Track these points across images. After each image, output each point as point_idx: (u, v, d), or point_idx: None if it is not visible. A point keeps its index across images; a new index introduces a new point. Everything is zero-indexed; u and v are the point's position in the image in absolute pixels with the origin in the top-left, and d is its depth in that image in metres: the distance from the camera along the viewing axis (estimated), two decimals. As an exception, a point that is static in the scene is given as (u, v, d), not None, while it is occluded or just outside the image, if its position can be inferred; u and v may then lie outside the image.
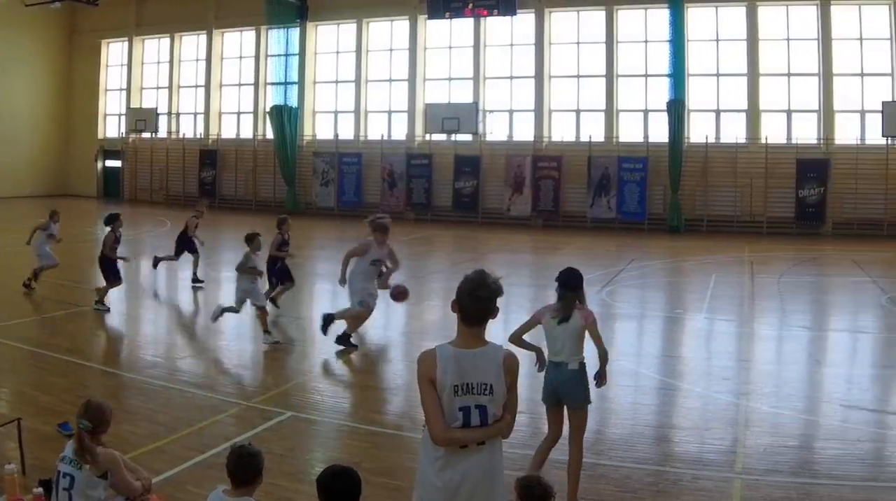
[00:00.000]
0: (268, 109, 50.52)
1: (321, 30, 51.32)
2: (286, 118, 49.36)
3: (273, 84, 50.38)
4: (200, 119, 54.77)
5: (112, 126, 59.22)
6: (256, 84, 52.57)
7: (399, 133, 48.55)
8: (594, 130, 43.77)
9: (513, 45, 46.29)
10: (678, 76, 41.21)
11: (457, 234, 39.56)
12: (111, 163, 58.39)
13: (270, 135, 50.56)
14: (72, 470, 7.11)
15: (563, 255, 30.65)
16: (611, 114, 43.87)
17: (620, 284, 24.14)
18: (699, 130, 42.04)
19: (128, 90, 57.62)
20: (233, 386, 14.08)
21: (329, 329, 16.39)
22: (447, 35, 47.66)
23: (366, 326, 17.25)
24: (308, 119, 51.02)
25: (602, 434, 11.51)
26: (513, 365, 5.92)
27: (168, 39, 55.93)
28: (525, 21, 45.31)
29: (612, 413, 12.61)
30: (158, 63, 56.99)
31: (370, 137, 49.08)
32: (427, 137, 47.28)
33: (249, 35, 53.15)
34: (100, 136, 59.13)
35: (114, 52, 59.16)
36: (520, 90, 45.95)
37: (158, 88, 56.84)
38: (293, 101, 49.73)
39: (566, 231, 40.97)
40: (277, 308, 19.90)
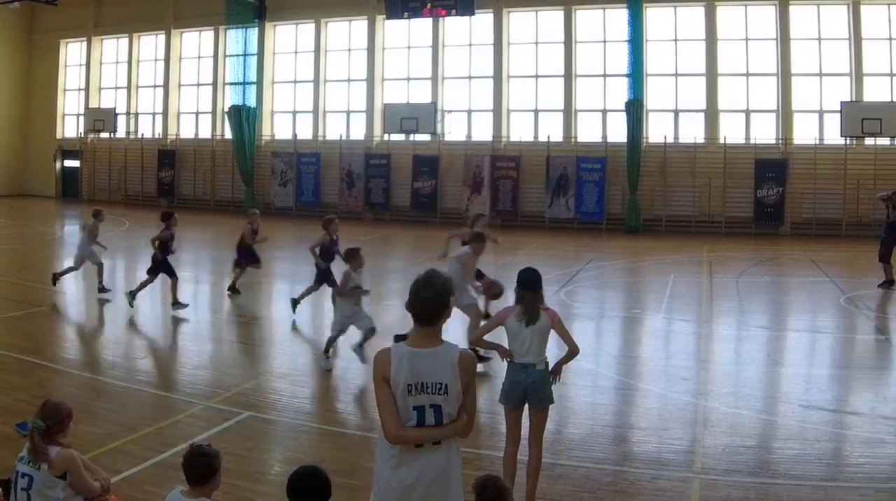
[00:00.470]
0: (226, 109, 49.03)
1: (279, 30, 49.82)
2: (244, 118, 47.83)
3: (231, 84, 48.89)
4: (159, 119, 53.12)
5: (71, 126, 57.30)
6: (215, 84, 51.01)
7: (357, 133, 47.20)
8: (552, 130, 42.74)
9: (471, 45, 45.05)
10: (637, 76, 40.17)
11: (415, 234, 38.54)
12: (70, 162, 56.55)
13: (229, 135, 48.98)
14: (30, 471, 6.96)
15: (522, 255, 29.74)
16: (569, 114, 42.74)
17: (579, 284, 23.46)
18: (658, 130, 40.99)
19: (86, 90, 55.68)
20: (192, 386, 13.61)
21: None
22: (405, 35, 46.30)
23: (324, 326, 16.99)
24: (266, 119, 49.54)
25: (561, 434, 11.29)
26: (469, 365, 5.86)
27: (126, 39, 54.14)
28: (483, 21, 44.11)
29: (571, 413, 12.37)
30: (117, 63, 55.14)
31: (328, 137, 47.69)
32: (385, 137, 46.11)
33: (208, 35, 51.58)
34: (58, 136, 57.16)
35: (72, 52, 57.12)
36: (478, 90, 44.79)
37: (117, 88, 54.98)
38: (251, 101, 48.28)
39: (525, 231, 39.86)
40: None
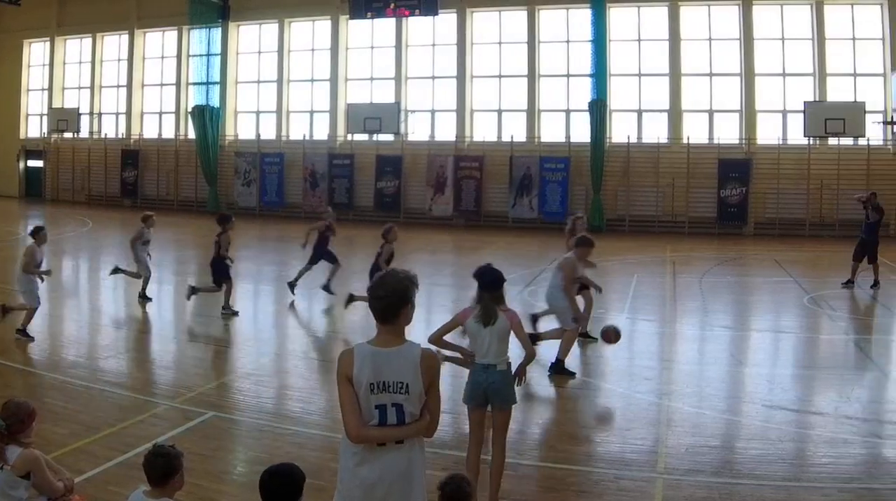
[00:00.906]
0: (189, 109, 47.38)
1: (243, 30, 48.20)
2: (208, 118, 46.25)
3: (195, 84, 47.28)
4: (122, 119, 51.25)
5: (34, 126, 55.20)
6: (178, 84, 49.28)
7: (321, 133, 45.79)
8: (516, 130, 41.59)
9: (434, 45, 43.72)
10: (600, 76, 39.08)
11: (378, 235, 35.61)
12: (33, 163, 54.51)
13: (192, 134, 47.35)
14: None
15: (486, 255, 28.34)
16: (532, 114, 41.63)
17: (542, 284, 21.61)
18: (621, 130, 39.96)
19: (49, 90, 53.68)
20: (155, 386, 13.31)
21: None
22: (369, 35, 44.89)
23: (288, 326, 17.27)
24: (230, 119, 47.90)
25: (524, 434, 11.05)
26: (431, 365, 5.74)
27: (90, 39, 52.20)
28: (447, 21, 42.83)
29: (535, 413, 12.22)
30: (80, 63, 53.18)
31: (292, 137, 46.24)
32: (349, 137, 44.71)
33: (171, 35, 49.76)
34: (21, 136, 55.06)
35: (35, 52, 55.08)
36: (441, 90, 43.51)
37: (80, 88, 53.05)
38: (215, 101, 46.64)
39: (488, 231, 38.86)
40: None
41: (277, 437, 10.88)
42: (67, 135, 52.63)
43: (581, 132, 39.91)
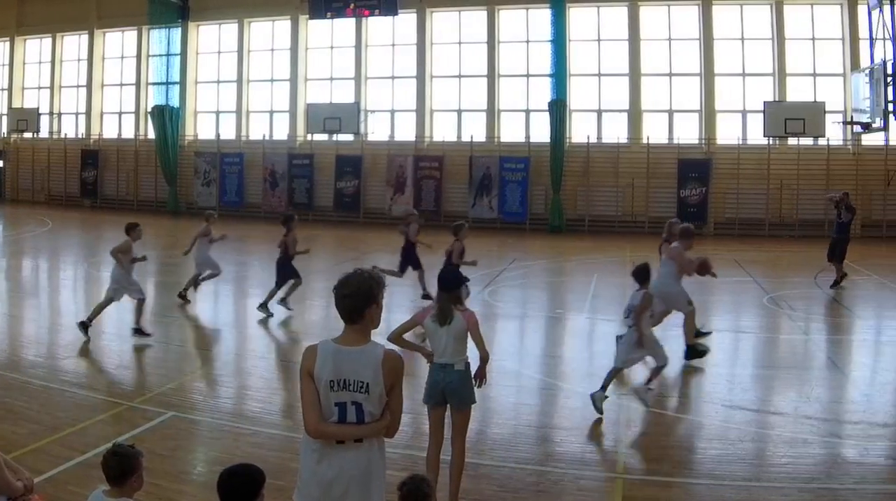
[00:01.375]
0: (149, 109, 45.46)
1: (203, 30, 46.31)
2: (168, 118, 44.47)
3: (154, 84, 45.35)
4: (82, 119, 49.24)
5: (-7, 126, 53.07)
6: (138, 84, 47.25)
7: (281, 133, 44.10)
8: (476, 130, 40.02)
9: (394, 45, 42.19)
10: (560, 76, 37.80)
11: (338, 234, 36.41)
12: (-7, 163, 52.38)
13: (152, 134, 45.44)
14: None
15: (444, 255, 27.75)
16: (492, 114, 40.24)
17: (502, 284, 22.32)
18: (581, 130, 38.75)
19: (9, 90, 51.36)
20: (115, 386, 13.05)
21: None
22: (329, 35, 43.26)
23: (248, 326, 16.88)
24: (190, 119, 46.07)
25: (484, 434, 10.83)
26: (394, 366, 5.58)
27: (50, 39, 50.01)
28: (406, 21, 41.27)
29: (495, 413, 11.89)
30: (40, 63, 50.96)
31: (252, 137, 44.44)
32: (309, 137, 43.11)
33: (131, 35, 47.73)
34: (-19, 137, 52.98)
35: (-5, 52, 52.98)
36: (401, 90, 42.06)
37: (40, 88, 50.85)
38: (175, 101, 44.84)
39: (448, 231, 36.74)
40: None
41: (237, 437, 10.67)
42: (27, 135, 50.50)
43: (541, 132, 38.68)
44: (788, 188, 35.28)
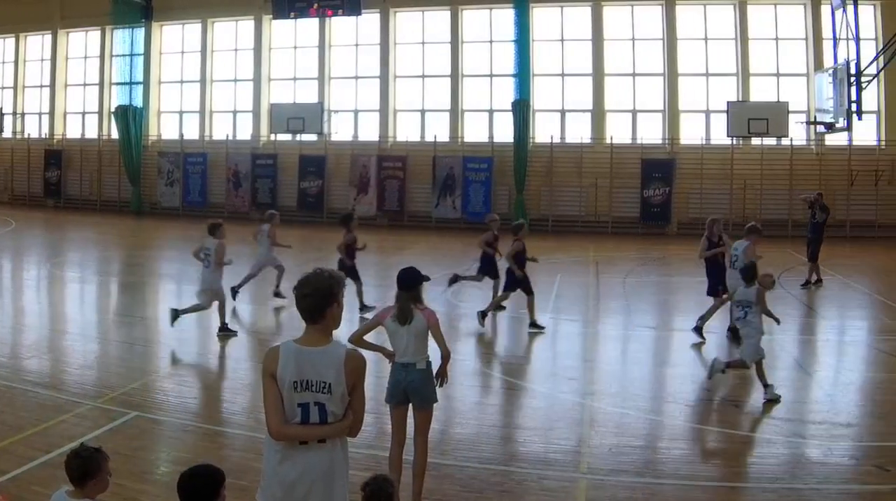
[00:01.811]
0: (113, 109, 43.54)
1: (166, 30, 44.38)
2: (131, 118, 42.45)
3: (118, 84, 43.37)
4: (45, 119, 47.20)
5: (-43, 127, 50.74)
6: (101, 84, 45.20)
7: (244, 133, 42.24)
8: (439, 130, 38.47)
9: (358, 45, 40.46)
10: (523, 76, 36.38)
11: (302, 234, 34.63)
12: (-44, 163, 49.94)
13: (115, 135, 43.55)
14: None
15: (409, 255, 27.85)
16: (456, 114, 38.62)
17: (465, 284, 21.00)
18: (544, 130, 37.29)
19: (-28, 90, 49.34)
20: (78, 386, 12.58)
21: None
22: (292, 35, 41.49)
23: (211, 326, 16.39)
24: (153, 119, 44.09)
25: (447, 433, 10.63)
26: (356, 366, 5.47)
27: (13, 39, 47.89)
28: (370, 21, 39.57)
29: (458, 412, 11.72)
30: (3, 63, 48.72)
31: (215, 137, 42.57)
32: (272, 137, 41.35)
33: (95, 35, 45.67)
34: (-56, 137, 50.69)
35: (-42, 53, 50.71)
36: (365, 90, 40.33)
37: (3, 88, 48.54)
38: (138, 101, 42.82)
39: (411, 231, 36.51)
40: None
41: (200, 437, 10.54)
42: (-10, 134, 48.26)
43: (504, 132, 37.23)
44: (752, 188, 34.14)
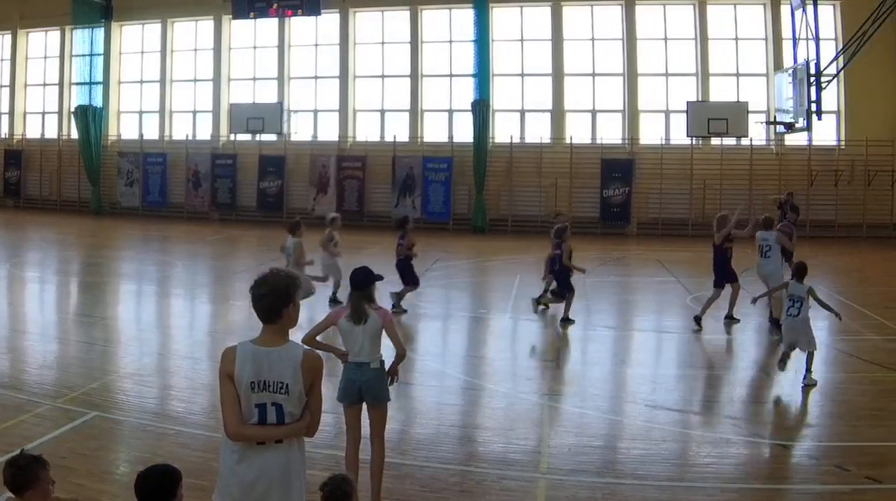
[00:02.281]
0: (73, 109, 41.72)
1: (126, 30, 42.48)
2: (91, 118, 40.70)
3: (78, 84, 41.60)
4: (5, 119, 45.16)
5: (-84, 127, 48.34)
6: (61, 84, 43.27)
7: (204, 133, 40.56)
8: (399, 130, 37.07)
9: (317, 45, 38.93)
10: (483, 76, 35.07)
11: (261, 235, 33.61)
12: (-86, 164, 47.65)
13: (75, 135, 41.82)
14: None
15: (367, 255, 26.19)
16: (415, 114, 37.22)
17: (425, 284, 20.57)
18: (504, 130, 36.03)
19: (-68, 90, 46.97)
20: (37, 386, 11.97)
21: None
22: (252, 35, 39.79)
23: (171, 326, 16.58)
24: (113, 119, 42.23)
25: (407, 433, 10.28)
26: (313, 365, 5.26)
27: (-28, 39, 45.76)
28: (329, 21, 38.02)
29: (417, 413, 11.35)
30: (-37, 63, 46.63)
31: (175, 137, 40.89)
32: (232, 137, 39.58)
33: (54, 35, 43.72)
34: None
35: (-82, 53, 48.25)
36: (324, 90, 38.75)
37: (-36, 89, 46.53)
38: (98, 101, 41.00)
39: (370, 231, 34.73)
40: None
41: (160, 437, 10.10)
42: (-50, 135, 45.94)
43: (464, 132, 35.91)
44: (711, 188, 32.94)
